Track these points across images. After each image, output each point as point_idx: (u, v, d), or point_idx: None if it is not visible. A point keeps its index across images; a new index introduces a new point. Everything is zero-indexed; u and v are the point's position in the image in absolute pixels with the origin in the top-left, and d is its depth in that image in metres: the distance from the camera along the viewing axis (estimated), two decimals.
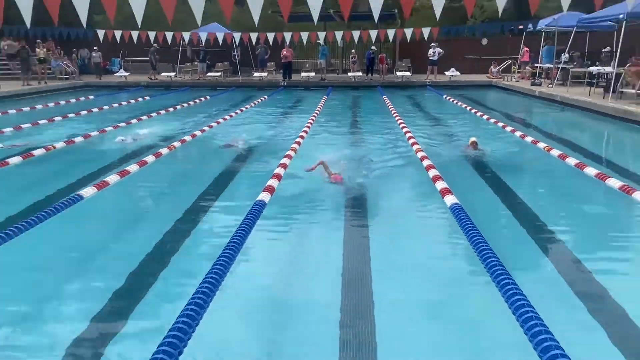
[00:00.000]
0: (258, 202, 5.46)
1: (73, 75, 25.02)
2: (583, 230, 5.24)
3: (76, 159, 8.48)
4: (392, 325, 3.30)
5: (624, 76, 14.03)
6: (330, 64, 27.27)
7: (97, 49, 25.60)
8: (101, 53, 26.05)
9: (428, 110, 15.71)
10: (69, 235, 5.05)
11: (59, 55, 24.79)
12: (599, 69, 16.83)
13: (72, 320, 3.40)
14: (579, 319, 3.37)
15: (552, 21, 20.09)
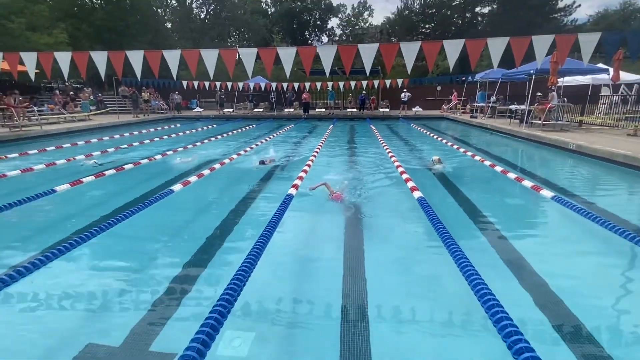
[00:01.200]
0: (288, 194, 5.49)
1: (166, 110, 25.26)
2: (506, 216, 5.22)
3: (168, 166, 8.59)
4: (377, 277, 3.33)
5: (533, 111, 13.93)
6: (336, 103, 27.28)
7: (178, 93, 25.81)
8: (182, 96, 26.22)
9: (401, 134, 15.64)
10: (164, 218, 5.10)
11: (157, 97, 25.06)
12: (516, 106, 16.71)
13: (164, 267, 3.46)
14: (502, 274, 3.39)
15: (485, 75, 20.02)
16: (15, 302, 2.95)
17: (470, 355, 2.38)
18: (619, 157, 8.04)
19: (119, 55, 9.52)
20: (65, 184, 6.07)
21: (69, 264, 3.51)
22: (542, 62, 9.55)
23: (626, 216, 4.87)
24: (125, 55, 9.47)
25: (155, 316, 2.77)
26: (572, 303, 2.86)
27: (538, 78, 14.29)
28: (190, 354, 1.92)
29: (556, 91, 13.79)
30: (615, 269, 3.61)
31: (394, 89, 25.26)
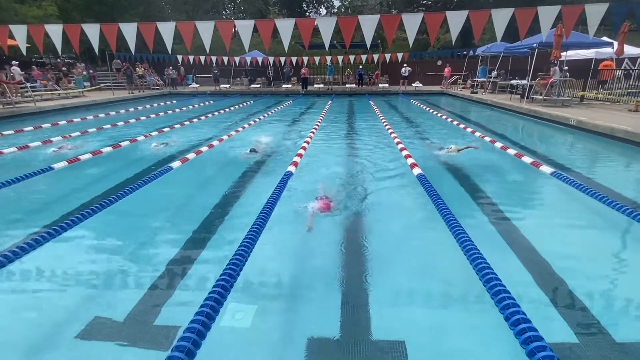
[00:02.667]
0: (287, 172, 5.49)
1: (161, 86, 24.83)
2: (505, 192, 5.24)
3: (167, 141, 8.52)
4: (377, 250, 3.37)
5: (535, 87, 13.75)
6: (334, 78, 26.84)
7: (172, 68, 25.26)
8: (176, 71, 25.66)
9: (400, 110, 15.49)
10: (164, 195, 5.10)
11: (151, 73, 24.58)
12: (517, 81, 16.48)
13: (167, 244, 3.50)
14: (501, 248, 3.44)
15: (486, 49, 19.62)
16: (20, 280, 2.99)
17: (468, 326, 2.44)
18: (619, 133, 8.02)
19: (112, 27, 9.27)
20: (63, 162, 6.04)
21: (71, 241, 3.54)
22: (547, 35, 9.36)
23: (624, 191, 4.90)
24: (118, 27, 9.22)
25: (159, 291, 2.82)
26: (568, 276, 2.92)
27: (540, 52, 14.03)
28: (195, 327, 1.96)
29: (558, 65, 13.58)
30: (612, 243, 3.67)
31: (394, 63, 24.81)
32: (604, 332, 2.34)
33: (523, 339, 1.88)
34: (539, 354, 1.76)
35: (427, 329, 2.41)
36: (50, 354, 2.21)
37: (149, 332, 2.38)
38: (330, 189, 4.90)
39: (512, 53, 18.49)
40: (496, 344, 2.22)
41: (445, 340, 2.31)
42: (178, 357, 1.77)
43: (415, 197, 4.75)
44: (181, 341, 1.88)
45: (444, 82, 24.37)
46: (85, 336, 2.34)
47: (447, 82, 24.26)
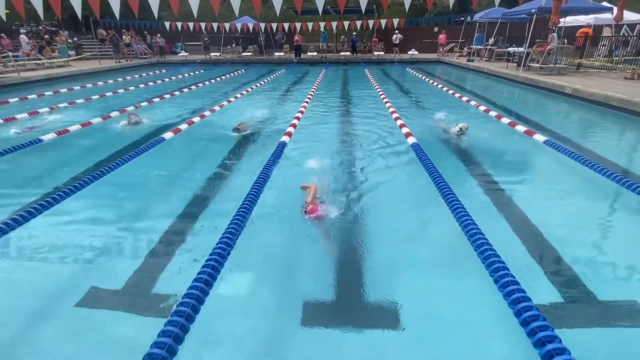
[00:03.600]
0: (281, 142, 5.46)
1: (149, 55, 24.04)
2: (498, 160, 5.23)
3: (156, 113, 8.36)
4: (372, 218, 3.41)
5: (532, 54, 13.55)
6: (328, 46, 26.14)
7: (160, 35, 24.31)
8: (165, 39, 24.71)
9: (395, 79, 15.25)
10: (157, 166, 5.05)
11: (138, 41, 23.73)
12: (514, 49, 16.21)
13: (162, 214, 3.51)
14: (492, 215, 3.50)
15: (484, 14, 19.13)
16: (15, 251, 3.00)
17: (459, 289, 2.52)
18: (613, 101, 8.01)
19: None
20: (52, 134, 5.93)
21: (65, 212, 3.53)
22: (546, 1, 9.10)
23: (616, 159, 4.96)
24: None
25: (156, 260, 2.85)
26: (556, 241, 3.00)
27: (539, 18, 13.70)
28: (193, 293, 2.01)
29: (557, 32, 13.32)
30: (601, 209, 3.76)
31: (390, 29, 24.14)
32: (589, 292, 2.44)
33: (511, 300, 1.96)
34: (526, 313, 1.83)
35: (420, 292, 2.49)
36: (50, 324, 2.26)
37: (147, 299, 2.43)
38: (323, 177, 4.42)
39: (510, 19, 18.05)
40: (486, 306, 2.30)
41: (437, 302, 2.39)
42: (178, 322, 1.83)
43: (410, 166, 4.77)
44: (180, 306, 1.93)
45: (440, 50, 23.88)
46: (83, 305, 2.38)
47: (443, 50, 23.77)
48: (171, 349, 1.71)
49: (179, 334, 1.78)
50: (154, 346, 1.71)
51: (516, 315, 1.89)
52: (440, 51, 23.83)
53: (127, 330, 2.21)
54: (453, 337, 2.12)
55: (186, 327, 1.84)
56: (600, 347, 2.06)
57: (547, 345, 1.67)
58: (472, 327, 2.19)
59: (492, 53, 18.65)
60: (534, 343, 1.74)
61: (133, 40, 22.90)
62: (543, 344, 1.68)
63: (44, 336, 2.16)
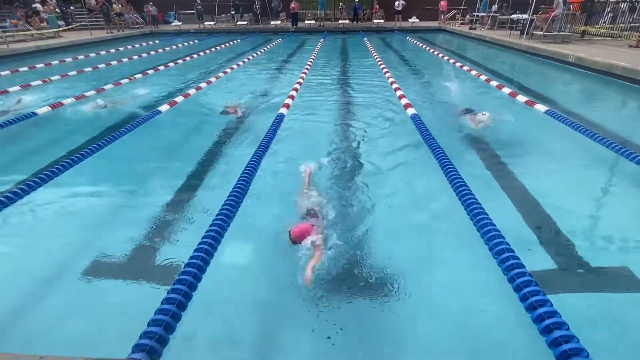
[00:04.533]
0: (279, 114, 5.40)
1: (142, 25, 23.27)
2: (498, 132, 5.16)
3: (152, 84, 8.22)
4: (372, 187, 3.44)
5: (535, 21, 13.18)
6: (326, 13, 25.31)
7: (152, 3, 23.40)
8: (157, 7, 23.78)
9: (395, 48, 14.90)
10: (155, 138, 5.03)
11: (130, 10, 22.91)
12: (518, 16, 15.75)
13: (162, 186, 3.53)
14: (490, 185, 3.52)
15: None
16: (18, 223, 3.04)
17: (455, 257, 2.58)
18: (617, 70, 7.87)
19: None
20: (46, 107, 5.85)
21: (65, 185, 3.54)
22: None
23: (616, 129, 4.94)
24: None
25: (158, 231, 2.90)
26: (553, 211, 3.04)
27: None
28: (195, 262, 2.06)
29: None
30: (599, 178, 3.78)
31: None
32: (581, 259, 2.50)
33: (505, 267, 2.01)
34: (519, 279, 1.89)
35: (417, 260, 2.55)
36: (55, 293, 2.32)
37: (150, 268, 2.49)
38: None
39: None
40: (481, 274, 2.36)
41: (433, 270, 2.45)
42: (181, 290, 1.88)
43: (409, 137, 4.74)
44: (183, 275, 1.98)
45: (441, 18, 23.16)
46: (88, 275, 2.44)
47: (445, 18, 23.05)
48: (175, 315, 1.77)
49: (182, 301, 1.84)
50: (158, 313, 1.76)
51: (509, 281, 1.95)
52: (441, 19, 23.13)
53: (131, 298, 2.28)
54: (448, 301, 2.19)
55: (189, 295, 1.89)
56: (590, 311, 2.14)
57: (539, 309, 1.73)
58: (466, 291, 2.26)
59: (495, 20, 18.11)
60: (527, 307, 1.80)
61: (124, 9, 22.11)
62: (535, 308, 1.74)
63: (49, 306, 2.23)
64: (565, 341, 1.57)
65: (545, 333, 1.65)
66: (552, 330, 1.63)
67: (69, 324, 2.11)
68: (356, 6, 24.31)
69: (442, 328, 2.06)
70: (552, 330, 1.63)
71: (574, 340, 1.58)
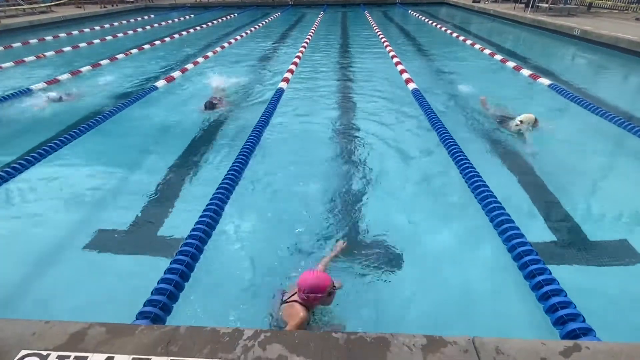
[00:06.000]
0: (279, 89, 5.33)
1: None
2: (501, 104, 5.09)
3: (148, 60, 8.06)
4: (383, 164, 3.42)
5: None
6: None
7: None
8: None
9: (397, 22, 14.52)
10: (152, 114, 4.93)
11: None
12: None
13: (162, 160, 3.51)
14: (491, 159, 3.50)
15: None
16: (19, 198, 3.03)
17: (457, 228, 2.59)
18: (623, 43, 7.71)
19: None
20: (41, 83, 5.77)
21: (64, 159, 3.52)
22: None
23: (620, 103, 4.87)
24: None
25: (159, 203, 2.91)
26: (554, 185, 3.03)
27: None
28: (197, 234, 2.07)
29: None
30: (601, 153, 3.75)
31: None
32: (580, 232, 2.51)
33: (505, 237, 2.02)
34: (520, 248, 1.90)
35: (420, 233, 2.56)
36: (58, 265, 2.34)
37: (152, 240, 2.51)
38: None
39: None
40: (482, 245, 2.38)
41: (434, 241, 2.47)
42: (183, 260, 1.89)
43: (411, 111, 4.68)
44: (185, 246, 1.99)
45: None
46: (91, 247, 2.46)
47: None
48: (178, 284, 1.79)
49: (185, 272, 1.86)
50: (161, 282, 1.79)
51: (510, 250, 1.96)
52: None
53: (135, 269, 2.30)
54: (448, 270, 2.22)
55: (191, 265, 1.91)
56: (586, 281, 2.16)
57: (538, 277, 1.75)
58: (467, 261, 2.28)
59: None
60: (526, 275, 1.82)
61: None
62: (534, 276, 1.77)
63: (55, 276, 2.26)
64: (563, 307, 1.60)
65: (544, 300, 1.68)
66: (550, 296, 1.66)
67: (73, 292, 2.13)
68: None
69: (441, 297, 2.08)
70: (550, 296, 1.66)
71: (571, 307, 1.61)
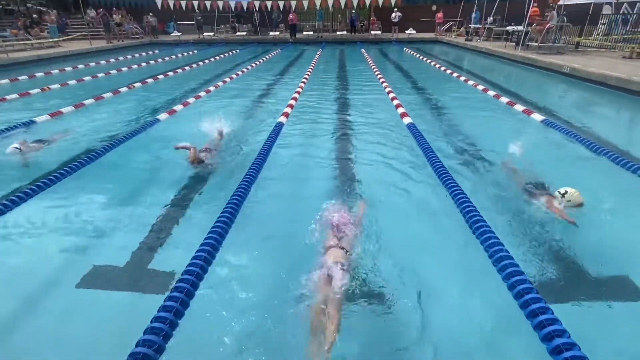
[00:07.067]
0: (278, 123, 5.42)
1: (141, 35, 23.45)
2: (495, 139, 5.14)
3: (152, 93, 8.24)
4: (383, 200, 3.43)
5: (530, 33, 13.37)
6: (324, 25, 25.61)
7: (152, 14, 23.56)
8: (157, 18, 23.94)
9: (392, 59, 15.04)
10: (153, 146, 4.97)
11: (129, 20, 23.11)
12: (513, 27, 15.99)
13: (159, 195, 3.50)
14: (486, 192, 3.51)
15: None
16: (15, 232, 2.99)
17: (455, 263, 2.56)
18: (611, 80, 7.97)
19: None
20: (45, 115, 5.86)
21: (61, 193, 3.51)
22: None
23: (612, 138, 4.96)
24: None
25: (155, 238, 2.87)
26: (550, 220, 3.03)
27: None
28: (193, 269, 2.03)
29: (556, 10, 13.11)
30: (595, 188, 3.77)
31: (387, 8, 23.62)
32: (581, 268, 2.49)
33: (505, 274, 1.99)
34: (520, 286, 1.87)
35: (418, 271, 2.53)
36: (51, 303, 2.28)
37: (147, 277, 2.46)
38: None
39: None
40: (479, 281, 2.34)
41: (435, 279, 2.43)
42: (178, 298, 1.85)
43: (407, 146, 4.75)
44: (180, 283, 1.95)
45: (437, 29, 23.47)
46: (85, 283, 2.40)
47: (441, 29, 23.37)
48: (172, 323, 1.74)
49: (179, 309, 1.81)
50: (154, 321, 1.74)
51: (510, 288, 1.93)
52: (437, 30, 23.44)
53: (128, 306, 2.24)
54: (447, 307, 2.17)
55: (186, 303, 1.87)
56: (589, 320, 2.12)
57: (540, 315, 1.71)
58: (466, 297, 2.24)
59: (491, 32, 18.40)
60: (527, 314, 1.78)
61: (124, 19, 22.32)
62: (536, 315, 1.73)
63: (46, 314, 2.19)
64: (567, 349, 1.56)
65: (547, 340, 1.64)
66: (554, 337, 1.61)
67: (65, 331, 2.07)
68: (353, 17, 24.69)
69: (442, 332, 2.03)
70: (553, 337, 1.62)
71: (576, 349, 1.57)
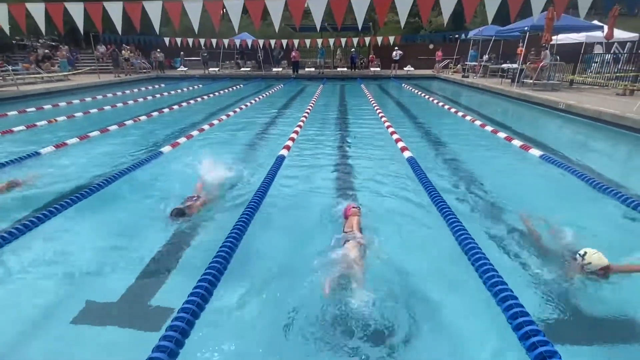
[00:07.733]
0: (279, 156, 5.47)
1: (149, 69, 24.26)
2: (495, 175, 5.20)
3: (157, 126, 8.38)
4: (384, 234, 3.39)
5: (525, 70, 13.81)
6: (325, 62, 26.54)
7: (160, 50, 24.49)
8: (164, 54, 24.88)
9: (391, 94, 15.43)
10: (154, 180, 5.00)
11: (138, 56, 23.97)
12: (508, 65, 16.52)
13: (158, 228, 3.47)
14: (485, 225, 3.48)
15: (478, 32, 19.59)
16: (8, 267, 2.94)
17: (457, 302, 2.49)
18: (606, 117, 8.13)
19: (97, 6, 8.96)
20: (50, 147, 5.93)
21: (60, 225, 3.49)
22: (538, 19, 9.34)
23: (609, 173, 4.99)
24: (103, 7, 8.93)
25: (152, 273, 2.81)
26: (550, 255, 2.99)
27: (531, 36, 14.05)
28: (189, 307, 1.98)
29: (549, 49, 13.59)
30: (593, 223, 3.75)
31: (385, 47, 24.55)
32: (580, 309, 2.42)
33: (510, 314, 1.94)
34: (527, 327, 1.81)
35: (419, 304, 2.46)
36: (43, 339, 2.20)
37: (142, 315, 2.39)
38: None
39: (504, 37, 18.47)
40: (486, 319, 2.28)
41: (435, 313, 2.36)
42: (173, 337, 1.79)
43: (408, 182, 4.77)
44: (176, 321, 1.90)
45: (436, 66, 24.26)
46: (78, 320, 2.33)
47: (439, 66, 24.16)
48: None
49: (174, 349, 1.75)
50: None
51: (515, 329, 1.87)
52: (436, 67, 24.22)
53: (122, 345, 2.17)
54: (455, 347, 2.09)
55: (181, 342, 1.81)
56: None
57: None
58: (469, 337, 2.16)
59: (487, 69, 19.00)
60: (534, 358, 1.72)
61: (133, 55, 23.15)
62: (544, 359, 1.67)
63: (37, 352, 2.11)
64: None
65: None
66: None
67: None
68: (353, 55, 25.68)
69: None
70: None
71: None
